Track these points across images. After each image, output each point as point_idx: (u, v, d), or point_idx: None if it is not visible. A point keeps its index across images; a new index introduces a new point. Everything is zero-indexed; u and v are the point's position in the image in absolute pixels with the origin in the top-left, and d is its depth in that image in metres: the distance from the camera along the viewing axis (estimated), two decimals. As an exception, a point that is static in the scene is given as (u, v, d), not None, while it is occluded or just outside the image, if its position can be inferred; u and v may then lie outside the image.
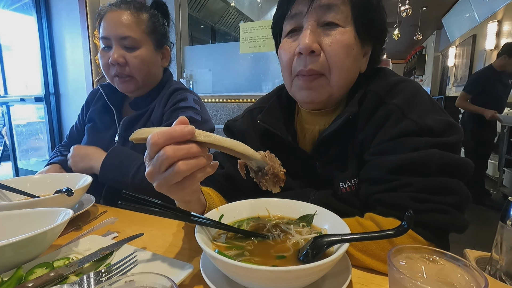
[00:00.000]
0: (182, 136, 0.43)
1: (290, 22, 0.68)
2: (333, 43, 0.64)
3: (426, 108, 0.62)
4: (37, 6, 2.91)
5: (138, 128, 1.14)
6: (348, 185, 0.67)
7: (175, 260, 0.53)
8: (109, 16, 1.05)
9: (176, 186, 0.45)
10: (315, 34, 0.64)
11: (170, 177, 0.44)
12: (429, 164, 0.56)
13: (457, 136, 0.59)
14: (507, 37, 4.92)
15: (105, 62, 1.07)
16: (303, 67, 0.66)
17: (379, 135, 0.63)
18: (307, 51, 0.64)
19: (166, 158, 0.42)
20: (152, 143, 0.43)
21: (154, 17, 1.11)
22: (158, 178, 0.45)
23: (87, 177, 0.89)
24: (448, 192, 0.55)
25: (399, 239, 0.53)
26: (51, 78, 3.00)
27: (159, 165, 0.43)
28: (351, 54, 0.65)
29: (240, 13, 5.08)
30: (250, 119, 0.84)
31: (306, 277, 0.41)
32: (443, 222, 0.54)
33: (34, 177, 0.95)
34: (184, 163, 0.43)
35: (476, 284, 0.34)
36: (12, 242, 0.47)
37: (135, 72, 1.07)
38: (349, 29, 0.64)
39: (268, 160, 0.51)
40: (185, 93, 1.11)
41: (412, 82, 0.68)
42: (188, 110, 1.05)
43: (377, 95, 0.65)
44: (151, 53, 1.10)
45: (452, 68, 7.81)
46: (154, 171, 0.45)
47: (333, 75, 0.66)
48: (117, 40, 1.04)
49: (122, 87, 1.11)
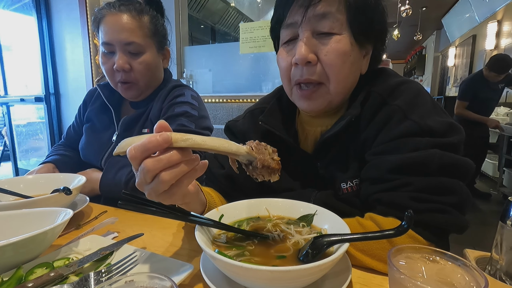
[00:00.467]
0: (157, 146, 0.42)
1: (286, 31, 0.68)
2: (329, 52, 0.63)
3: (428, 109, 0.62)
4: (37, 6, 2.91)
5: (138, 127, 1.11)
6: (349, 185, 0.68)
7: (175, 260, 0.53)
8: (110, 19, 1.02)
9: (164, 194, 0.45)
10: (310, 44, 0.64)
11: (156, 187, 0.43)
12: (429, 164, 0.56)
13: (458, 137, 0.60)
14: (507, 37, 4.92)
15: (109, 68, 1.05)
16: (299, 76, 0.67)
17: (381, 135, 0.63)
18: (302, 62, 0.64)
19: (147, 171, 0.42)
20: (130, 157, 0.43)
21: (154, 18, 1.10)
22: (146, 189, 0.45)
23: (81, 177, 0.88)
24: (448, 192, 0.55)
25: (398, 239, 0.53)
26: (51, 78, 3.00)
27: (143, 177, 0.43)
28: (348, 61, 0.65)
29: (240, 13, 5.08)
30: (251, 119, 0.84)
31: (306, 277, 0.41)
32: (442, 222, 0.54)
33: (27, 177, 0.94)
34: (167, 173, 0.42)
35: (476, 284, 0.34)
36: (12, 242, 0.47)
37: (140, 78, 1.07)
38: (345, 35, 0.64)
39: (256, 152, 0.48)
40: (183, 89, 1.11)
41: (415, 83, 0.68)
42: (184, 105, 1.05)
43: (380, 96, 0.65)
44: (155, 57, 1.10)
45: (452, 68, 7.82)
46: (141, 183, 0.45)
47: (331, 83, 0.66)
48: (121, 46, 1.02)
49: (127, 94, 1.11)
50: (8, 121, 3.54)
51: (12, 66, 3.41)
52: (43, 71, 3.01)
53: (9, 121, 3.53)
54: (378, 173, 0.61)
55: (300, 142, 0.79)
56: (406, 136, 0.60)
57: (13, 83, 3.45)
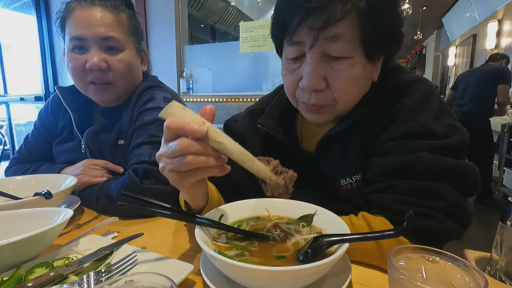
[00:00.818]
0: (192, 133, 0.43)
1: (292, 48, 0.62)
2: (339, 79, 0.59)
3: (436, 111, 0.61)
4: (37, 6, 2.91)
5: (110, 139, 0.97)
6: (349, 182, 0.67)
7: (175, 260, 0.53)
8: (81, 13, 0.88)
9: (177, 174, 0.47)
10: (319, 69, 0.59)
11: (178, 165, 0.45)
12: (413, 168, 0.56)
13: (458, 138, 0.59)
14: (507, 37, 4.92)
15: (78, 66, 0.90)
16: (307, 100, 0.64)
17: (386, 133, 0.63)
18: (311, 90, 0.61)
19: (178, 149, 0.44)
20: (166, 125, 0.45)
21: (132, 16, 0.99)
22: (165, 161, 0.47)
23: (72, 178, 0.83)
24: (433, 197, 0.55)
25: (385, 241, 0.53)
26: (51, 77, 3.00)
27: (171, 152, 0.45)
28: (359, 83, 0.62)
29: (240, 12, 5.08)
30: (250, 121, 0.83)
31: (306, 277, 0.41)
32: (426, 226, 0.54)
33: (17, 178, 0.90)
34: (194, 158, 0.44)
35: (476, 285, 0.34)
36: (12, 242, 0.47)
37: (118, 78, 0.93)
38: (357, 58, 0.59)
39: (274, 179, 0.48)
40: (153, 92, 0.97)
41: (427, 82, 0.66)
42: (154, 111, 0.91)
43: (391, 93, 0.64)
44: (135, 57, 0.98)
45: (452, 67, 7.81)
46: (163, 154, 0.47)
47: (339, 104, 0.64)
48: (97, 41, 0.89)
49: (99, 97, 0.95)
50: (8, 120, 3.53)
51: (12, 65, 3.41)
52: (43, 70, 3.01)
53: (9, 120, 3.53)
54: (370, 175, 0.62)
55: (302, 141, 0.79)
56: (406, 137, 0.59)
57: (13, 82, 3.45)
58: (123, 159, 0.95)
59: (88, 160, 0.94)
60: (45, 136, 1.09)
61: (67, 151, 1.04)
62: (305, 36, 0.58)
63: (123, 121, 0.97)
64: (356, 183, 0.66)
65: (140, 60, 1.05)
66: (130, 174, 0.81)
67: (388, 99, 0.64)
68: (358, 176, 0.66)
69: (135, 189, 0.78)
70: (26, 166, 1.04)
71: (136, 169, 0.82)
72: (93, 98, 0.97)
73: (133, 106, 0.97)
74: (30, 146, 1.10)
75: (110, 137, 0.98)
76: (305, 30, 0.58)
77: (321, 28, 0.55)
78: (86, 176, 0.87)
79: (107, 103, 1.01)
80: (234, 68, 2.66)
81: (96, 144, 0.99)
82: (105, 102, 1.00)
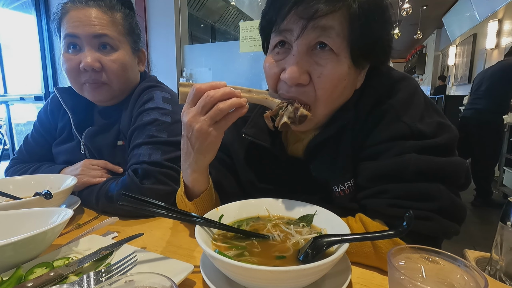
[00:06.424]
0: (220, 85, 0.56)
1: (278, 36, 0.61)
2: (323, 75, 0.58)
3: (421, 110, 0.60)
4: (37, 5, 2.91)
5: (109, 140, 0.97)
6: (341, 189, 0.65)
7: (175, 260, 0.53)
8: (75, 13, 0.88)
9: (214, 128, 0.56)
10: (303, 62, 0.58)
11: (212, 114, 0.54)
12: (403, 170, 0.56)
13: (446, 136, 0.58)
14: (507, 36, 4.91)
15: (73, 67, 0.89)
16: (286, 92, 0.62)
17: (372, 136, 0.62)
18: (293, 83, 0.59)
19: (209, 99, 0.54)
20: (197, 89, 0.55)
21: (128, 16, 0.97)
22: (200, 121, 0.55)
23: (72, 178, 0.83)
24: (426, 198, 0.54)
25: (382, 244, 0.53)
26: (50, 77, 3.00)
27: (202, 107, 0.55)
28: (341, 85, 0.59)
29: (240, 11, 5.07)
30: (234, 130, 0.77)
31: (306, 277, 0.41)
32: (423, 228, 0.53)
33: (17, 178, 0.90)
34: (223, 103, 0.54)
35: (476, 285, 0.34)
36: (12, 242, 0.47)
37: (113, 79, 0.93)
38: (343, 57, 0.57)
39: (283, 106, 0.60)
40: (152, 92, 0.97)
41: (411, 80, 0.65)
42: (153, 111, 0.91)
43: (375, 94, 0.63)
44: (130, 57, 0.97)
45: (452, 67, 7.80)
46: (196, 114, 0.55)
47: (318, 107, 0.61)
48: (90, 39, 0.88)
49: (94, 95, 0.94)
50: (8, 120, 3.53)
51: (12, 64, 3.41)
52: (43, 70, 3.01)
53: (9, 119, 3.53)
54: (361, 180, 0.62)
55: (289, 146, 0.76)
56: (394, 140, 0.59)
57: (13, 81, 3.44)
58: (122, 159, 0.95)
59: (87, 160, 0.94)
60: (45, 137, 1.09)
61: (67, 151, 1.04)
62: (294, 24, 0.57)
63: (122, 121, 0.97)
64: (349, 189, 0.65)
65: (138, 60, 1.04)
66: (129, 175, 0.81)
67: (373, 101, 0.62)
68: (350, 182, 0.65)
69: (135, 190, 0.78)
70: (26, 166, 1.04)
71: (135, 170, 0.82)
72: (89, 97, 0.96)
73: (132, 107, 0.97)
74: (30, 146, 1.10)
75: (109, 137, 0.98)
76: (294, 17, 0.57)
77: (310, 18, 0.55)
78: (85, 176, 0.87)
79: (103, 102, 1.01)
80: (234, 67, 2.66)
81: (95, 145, 0.99)
82: (101, 101, 0.99)
